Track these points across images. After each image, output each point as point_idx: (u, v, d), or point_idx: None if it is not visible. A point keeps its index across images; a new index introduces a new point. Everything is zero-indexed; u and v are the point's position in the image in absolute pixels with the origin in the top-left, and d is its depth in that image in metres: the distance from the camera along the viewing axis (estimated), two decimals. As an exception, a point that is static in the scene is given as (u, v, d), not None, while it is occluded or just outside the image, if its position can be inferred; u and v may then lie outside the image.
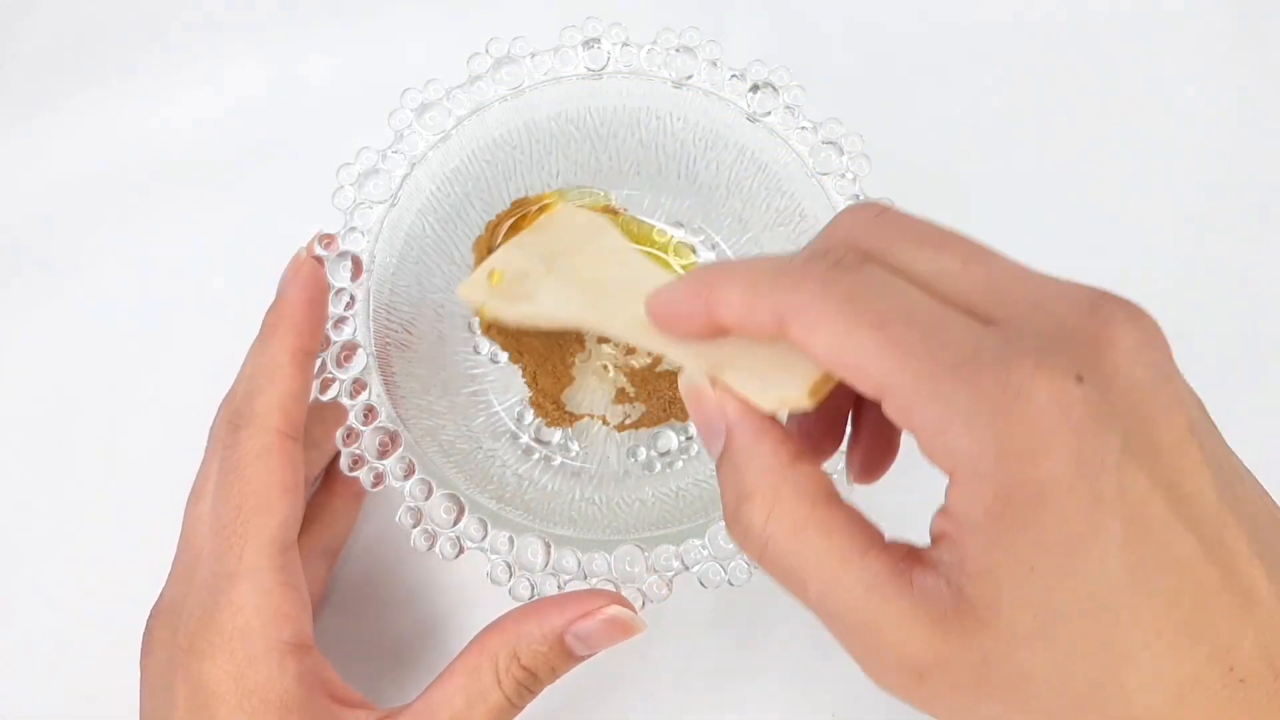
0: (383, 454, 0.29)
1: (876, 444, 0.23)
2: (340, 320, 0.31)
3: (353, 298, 0.31)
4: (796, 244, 0.36)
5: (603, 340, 0.38)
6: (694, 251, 0.39)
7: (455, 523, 0.29)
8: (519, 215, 0.37)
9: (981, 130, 0.45)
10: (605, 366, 0.38)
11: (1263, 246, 0.43)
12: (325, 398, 0.30)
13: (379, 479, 0.29)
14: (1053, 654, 0.17)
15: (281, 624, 0.27)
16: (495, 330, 0.37)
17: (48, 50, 0.46)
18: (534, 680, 0.27)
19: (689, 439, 0.37)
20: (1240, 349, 0.41)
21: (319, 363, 0.30)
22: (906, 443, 0.20)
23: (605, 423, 0.37)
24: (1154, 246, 0.43)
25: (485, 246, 0.36)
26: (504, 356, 0.38)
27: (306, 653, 0.28)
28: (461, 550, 0.29)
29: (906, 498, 0.24)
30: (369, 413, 0.30)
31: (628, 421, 0.37)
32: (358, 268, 0.31)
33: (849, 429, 0.24)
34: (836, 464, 0.27)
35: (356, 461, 0.29)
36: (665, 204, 0.39)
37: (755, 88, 0.34)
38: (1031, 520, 0.16)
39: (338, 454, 0.30)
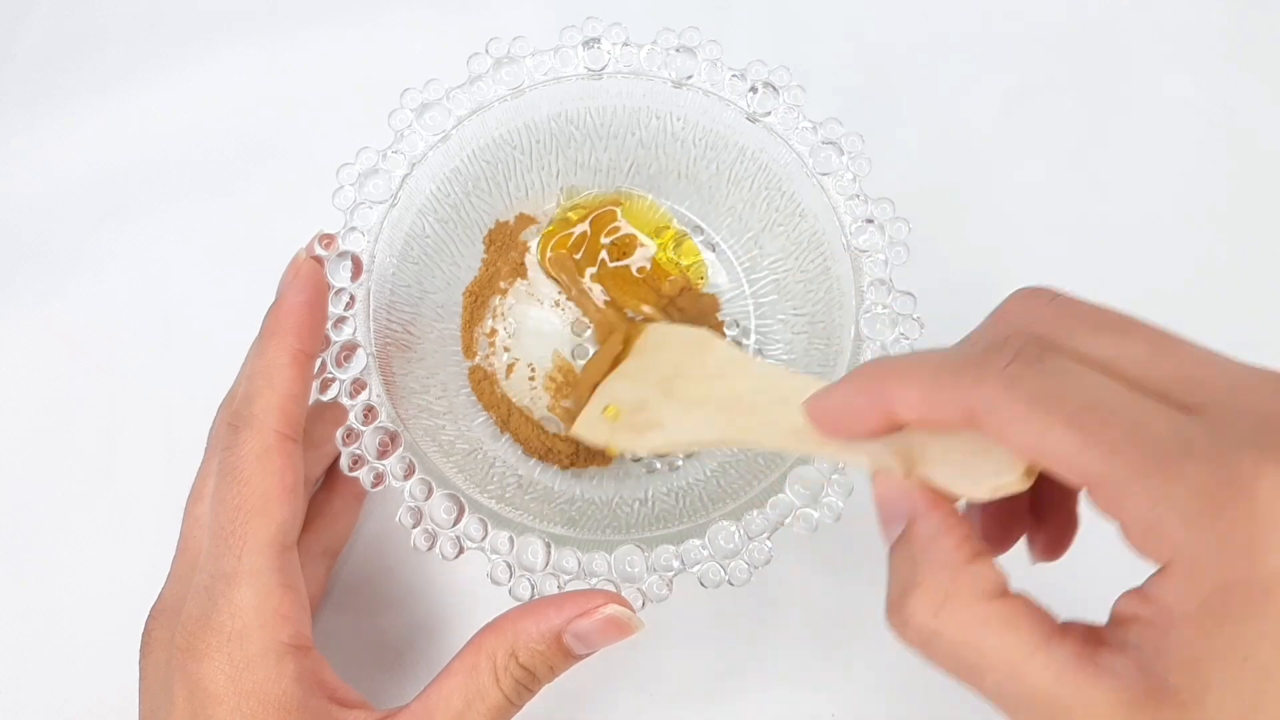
0: (382, 454, 0.29)
1: (1059, 521, 0.23)
2: (340, 320, 0.31)
3: (353, 298, 0.31)
4: (797, 244, 0.36)
5: None
6: (686, 235, 0.39)
7: (455, 523, 0.29)
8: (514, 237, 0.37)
9: (982, 130, 0.45)
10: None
11: (1264, 247, 0.43)
12: (325, 398, 0.30)
13: (379, 479, 0.29)
14: None
15: (280, 625, 0.27)
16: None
17: (48, 50, 0.46)
18: (532, 679, 0.27)
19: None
20: (1243, 352, 0.41)
21: (319, 363, 0.30)
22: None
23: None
24: (1155, 247, 0.43)
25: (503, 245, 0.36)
26: (505, 357, 0.38)
27: (305, 654, 0.28)
28: (461, 550, 0.29)
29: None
30: (369, 413, 0.30)
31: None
32: (358, 268, 0.31)
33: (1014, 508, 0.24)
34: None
35: (356, 461, 0.29)
36: (665, 204, 0.39)
37: (755, 88, 0.34)
38: (1252, 614, 0.17)
39: (339, 454, 0.30)
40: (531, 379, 0.37)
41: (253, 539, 0.28)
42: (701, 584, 0.29)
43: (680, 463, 0.36)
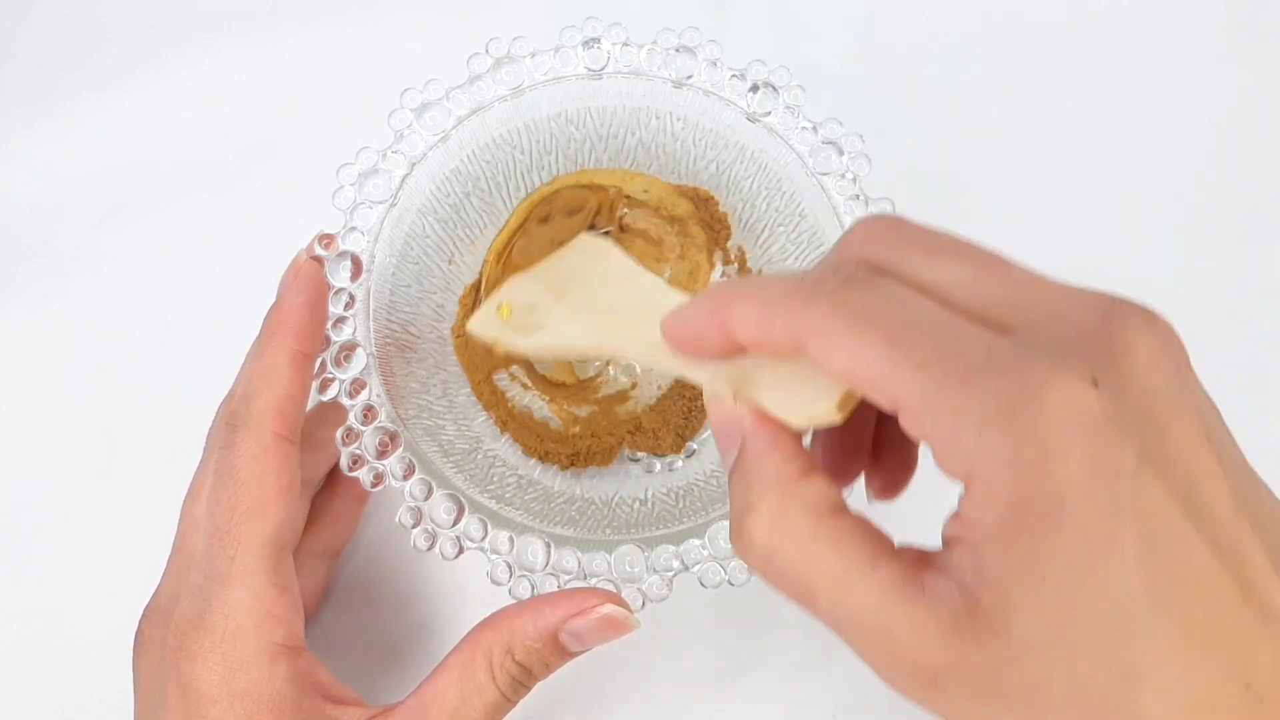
0: (382, 454, 0.29)
1: (896, 461, 0.23)
2: (340, 320, 0.31)
3: (352, 297, 0.31)
4: (796, 244, 0.36)
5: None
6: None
7: (455, 523, 0.29)
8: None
9: (982, 130, 0.45)
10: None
11: (1264, 247, 0.43)
12: (325, 397, 0.30)
13: (379, 479, 0.29)
14: (1066, 666, 0.16)
15: (273, 626, 0.27)
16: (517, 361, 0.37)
17: (48, 50, 0.46)
18: (528, 676, 0.27)
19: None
20: (1241, 350, 0.41)
21: (319, 362, 0.30)
22: (924, 456, 0.20)
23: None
24: (1155, 247, 0.43)
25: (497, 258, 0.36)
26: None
27: (298, 654, 0.28)
28: (461, 550, 0.29)
29: (919, 505, 0.24)
30: (368, 413, 0.30)
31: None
32: (358, 268, 0.31)
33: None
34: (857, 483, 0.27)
35: (356, 461, 0.29)
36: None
37: (755, 88, 0.34)
38: (1046, 528, 0.16)
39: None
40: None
41: (247, 540, 0.28)
42: (701, 584, 0.29)
43: (680, 463, 0.36)
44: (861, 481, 0.24)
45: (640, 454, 0.37)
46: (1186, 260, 0.43)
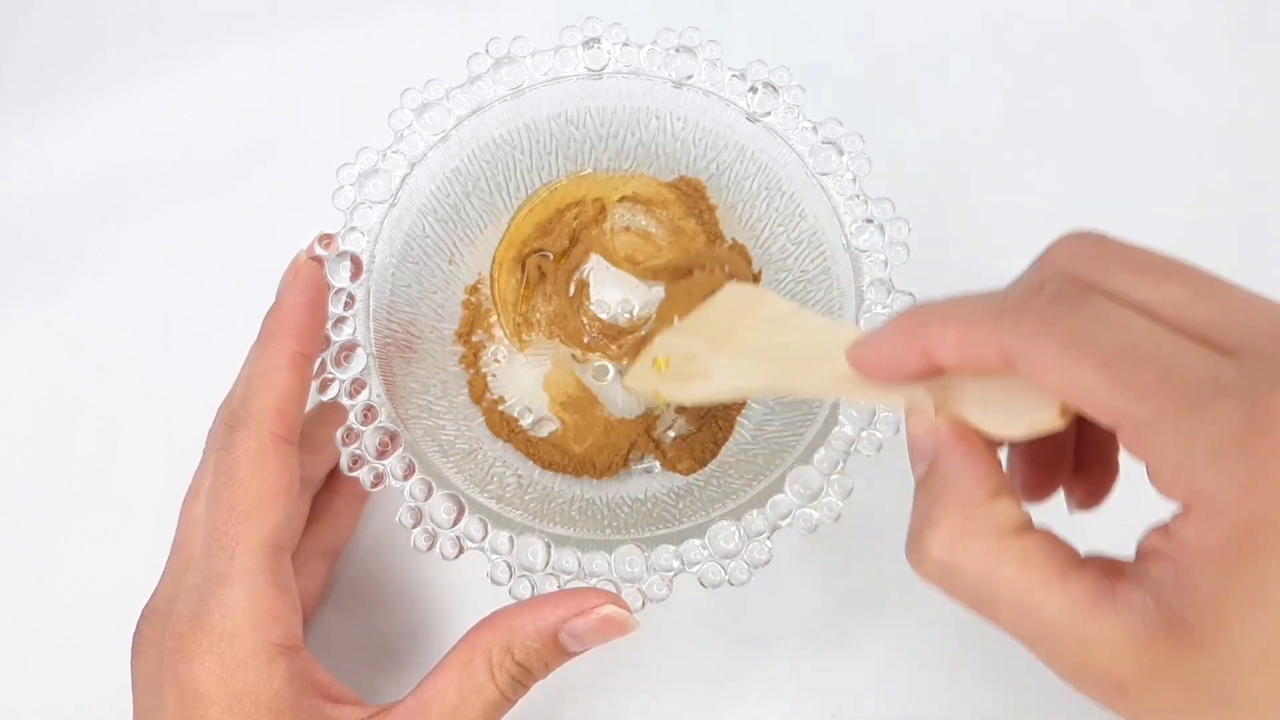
0: (382, 454, 0.29)
1: (1099, 470, 0.23)
2: (340, 320, 0.31)
3: (352, 297, 0.31)
4: (797, 244, 0.36)
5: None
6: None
7: (455, 523, 0.29)
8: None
9: (982, 130, 0.45)
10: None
11: (1264, 247, 0.43)
12: (325, 397, 0.30)
13: (379, 479, 0.29)
14: (1273, 678, 0.17)
15: (271, 626, 0.27)
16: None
17: (48, 50, 0.46)
18: (527, 675, 0.27)
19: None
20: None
21: (318, 362, 0.30)
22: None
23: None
24: (1155, 247, 0.43)
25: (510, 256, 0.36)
26: (503, 358, 0.38)
27: (296, 654, 0.28)
28: (461, 550, 0.29)
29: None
30: (368, 413, 0.30)
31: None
32: (358, 268, 0.31)
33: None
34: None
35: (356, 461, 0.29)
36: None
37: (755, 88, 0.34)
38: (1273, 553, 0.16)
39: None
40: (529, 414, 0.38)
41: (245, 540, 0.28)
42: (701, 584, 0.29)
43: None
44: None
45: (647, 457, 0.37)
46: (1186, 260, 0.43)
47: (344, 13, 0.47)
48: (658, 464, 0.36)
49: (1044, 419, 0.19)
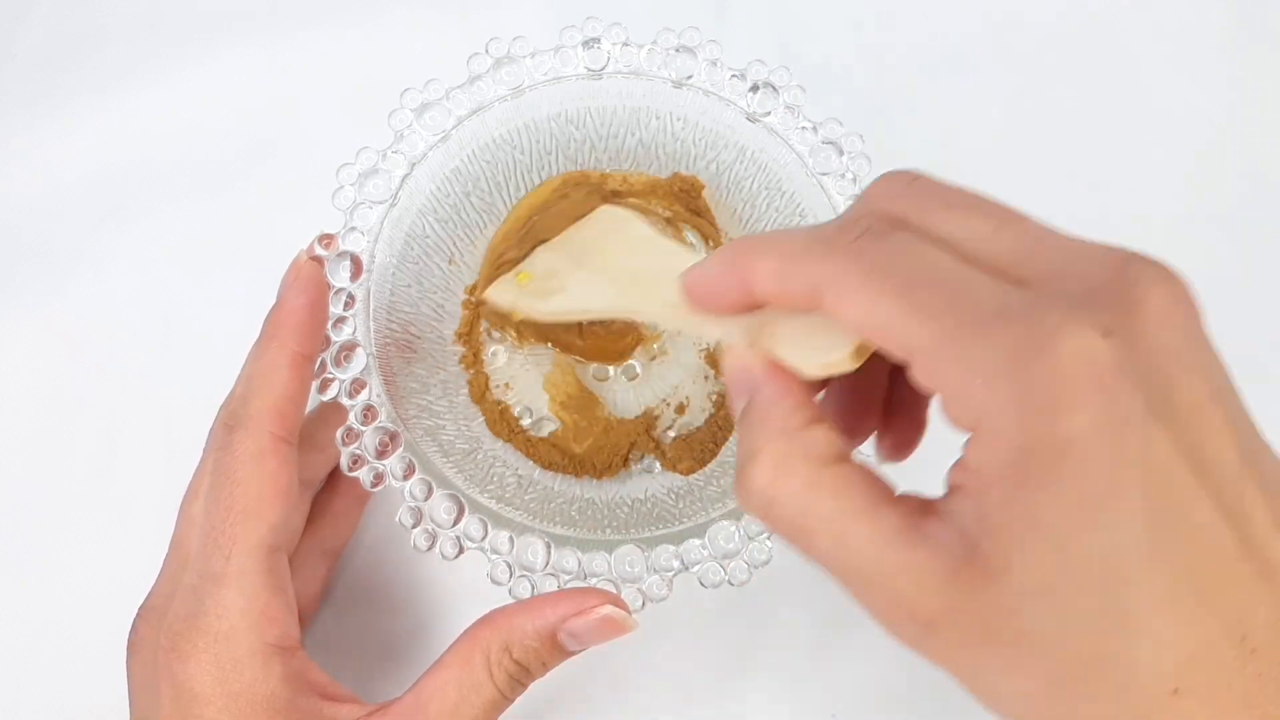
0: (382, 454, 0.29)
1: (906, 421, 0.24)
2: (340, 320, 0.31)
3: (352, 297, 0.31)
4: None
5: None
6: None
7: (455, 523, 0.29)
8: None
9: (982, 129, 0.45)
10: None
11: (1264, 247, 0.43)
12: (325, 397, 0.30)
13: (379, 479, 0.29)
14: (1059, 613, 0.16)
15: (267, 626, 0.27)
16: (527, 329, 0.37)
17: (48, 50, 0.46)
18: (525, 674, 0.27)
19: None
20: (1242, 349, 0.41)
21: (318, 362, 0.30)
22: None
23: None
24: (1154, 246, 0.43)
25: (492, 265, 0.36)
26: (503, 358, 0.38)
27: (292, 654, 0.28)
28: (461, 550, 0.29)
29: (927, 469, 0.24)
30: (368, 413, 0.30)
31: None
32: (358, 268, 0.31)
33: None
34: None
35: (356, 461, 0.29)
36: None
37: (755, 88, 0.34)
38: (1050, 476, 0.16)
39: (341, 456, 0.30)
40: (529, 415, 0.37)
41: (242, 540, 0.28)
42: (701, 584, 0.29)
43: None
44: (871, 444, 0.24)
45: (647, 456, 0.37)
46: (1185, 259, 0.43)
47: (344, 13, 0.47)
48: (658, 464, 0.36)
49: (839, 359, 0.20)
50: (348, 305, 0.31)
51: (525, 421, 0.37)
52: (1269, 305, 0.42)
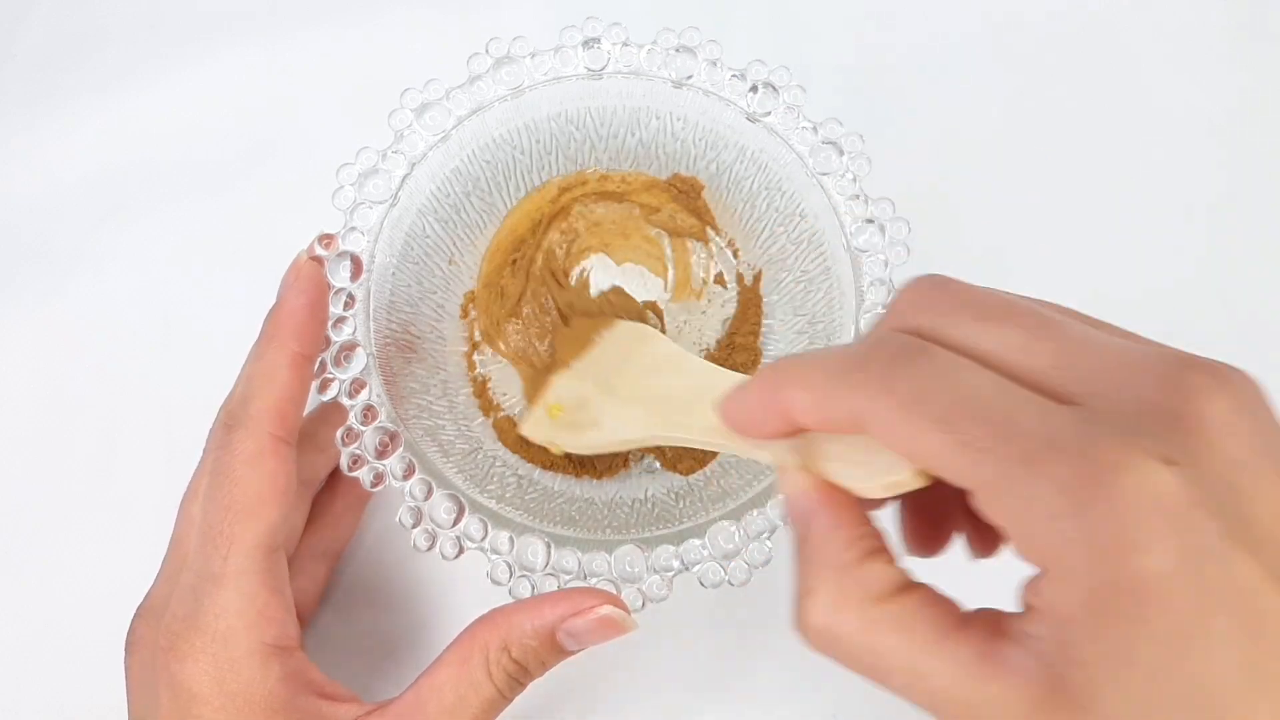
0: (382, 454, 0.29)
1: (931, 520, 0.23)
2: (340, 320, 0.31)
3: (352, 297, 0.31)
4: (797, 244, 0.36)
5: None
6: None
7: (455, 523, 0.29)
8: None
9: (982, 129, 0.45)
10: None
11: (1264, 247, 0.43)
12: (325, 397, 0.30)
13: (379, 479, 0.29)
14: None
15: (264, 626, 0.27)
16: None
17: (48, 50, 0.46)
18: (524, 673, 0.27)
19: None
20: (1243, 352, 0.41)
21: (318, 362, 0.30)
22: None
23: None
24: (1154, 246, 0.43)
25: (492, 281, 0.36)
26: (503, 359, 0.38)
27: (290, 654, 0.28)
28: (462, 550, 0.29)
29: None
30: (368, 412, 0.30)
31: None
32: (358, 268, 0.31)
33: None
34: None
35: (356, 461, 0.29)
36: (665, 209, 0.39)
37: (755, 88, 0.34)
38: (1136, 614, 0.16)
39: (342, 456, 0.30)
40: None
41: (240, 540, 0.28)
42: (701, 584, 0.29)
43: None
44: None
45: (647, 456, 0.37)
46: (1185, 260, 0.43)
47: (344, 13, 0.47)
48: (658, 464, 0.36)
49: (903, 478, 0.19)
50: (348, 305, 0.31)
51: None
52: (1269, 305, 0.42)
